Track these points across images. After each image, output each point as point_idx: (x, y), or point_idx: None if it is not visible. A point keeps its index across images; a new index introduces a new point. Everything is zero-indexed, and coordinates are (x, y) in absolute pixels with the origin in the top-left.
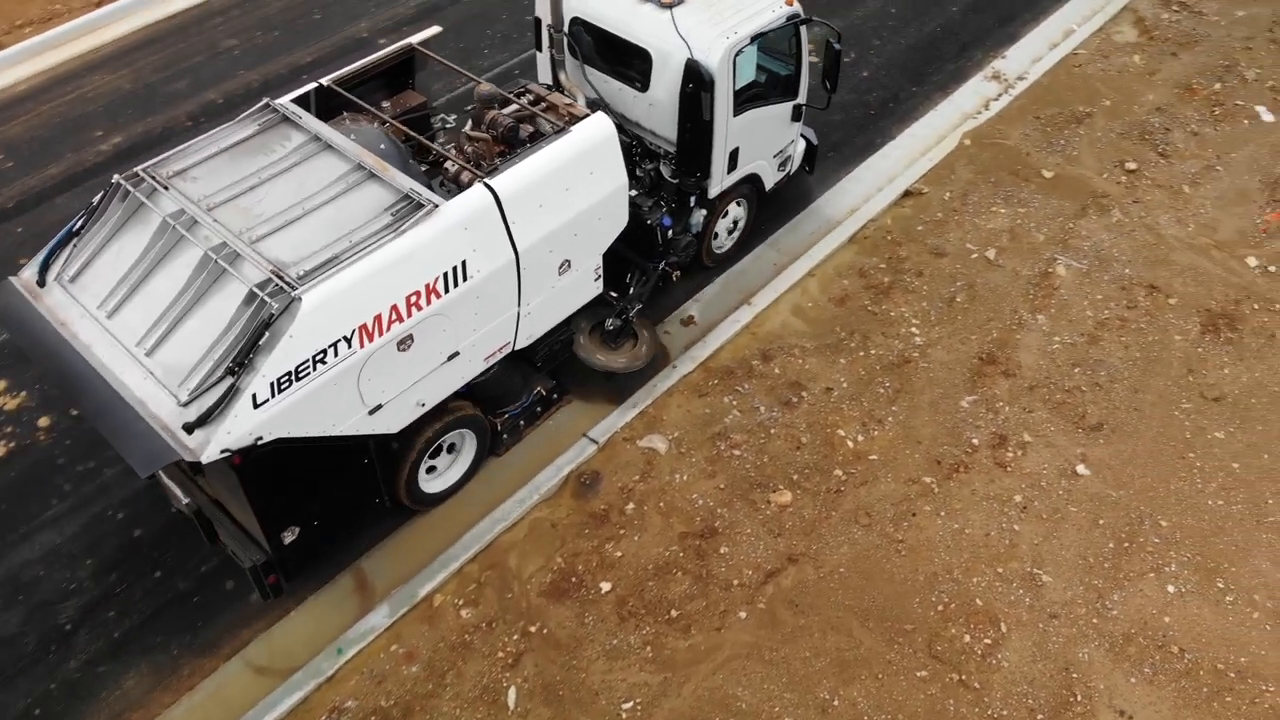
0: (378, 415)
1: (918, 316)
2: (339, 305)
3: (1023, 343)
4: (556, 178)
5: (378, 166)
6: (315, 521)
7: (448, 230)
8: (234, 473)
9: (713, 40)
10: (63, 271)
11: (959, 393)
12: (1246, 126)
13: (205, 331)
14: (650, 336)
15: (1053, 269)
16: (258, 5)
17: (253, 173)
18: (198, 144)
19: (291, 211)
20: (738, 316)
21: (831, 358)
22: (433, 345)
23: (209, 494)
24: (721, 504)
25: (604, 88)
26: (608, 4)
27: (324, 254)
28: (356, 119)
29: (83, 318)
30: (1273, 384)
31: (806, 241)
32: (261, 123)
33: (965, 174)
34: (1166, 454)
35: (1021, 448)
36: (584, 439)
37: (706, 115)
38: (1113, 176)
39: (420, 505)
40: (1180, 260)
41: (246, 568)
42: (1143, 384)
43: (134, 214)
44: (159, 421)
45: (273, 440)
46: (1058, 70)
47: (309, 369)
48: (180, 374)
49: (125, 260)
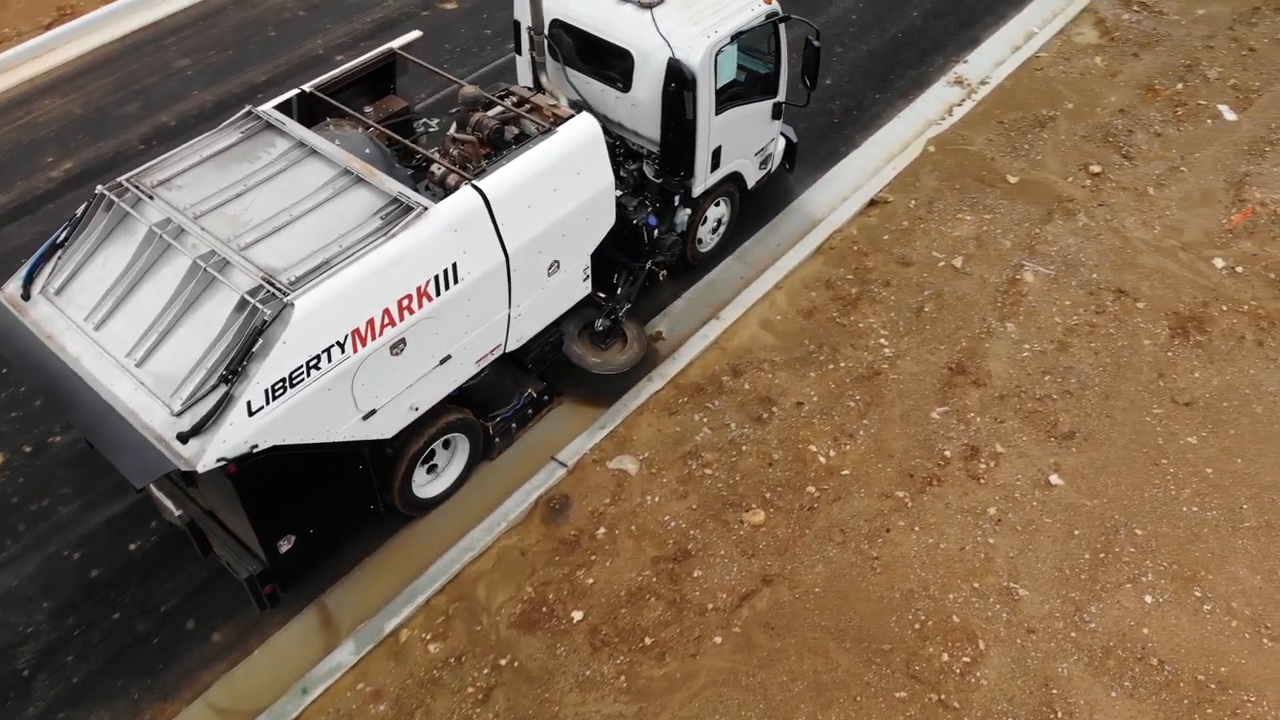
0: (371, 420)
1: (886, 327)
2: (332, 310)
3: (992, 351)
4: (544, 178)
5: (364, 171)
6: (311, 529)
7: (437, 233)
8: (229, 482)
9: (694, 39)
10: (48, 284)
11: (929, 404)
12: (1209, 126)
13: (196, 340)
14: (640, 336)
15: (1020, 276)
16: (211, 24)
17: (238, 180)
18: (181, 153)
19: (279, 218)
20: (706, 331)
21: (801, 371)
22: (425, 349)
23: (202, 505)
24: (694, 525)
25: (585, 89)
26: (588, 5)
27: (315, 259)
28: (340, 124)
29: (70, 330)
30: (1243, 387)
31: (773, 253)
32: (245, 130)
33: (930, 181)
34: (1139, 461)
35: (994, 459)
36: (553, 462)
37: (689, 114)
38: (1077, 180)
39: (414, 511)
40: (1147, 263)
41: (243, 578)
42: (1114, 390)
43: (119, 224)
44: (152, 432)
45: (268, 448)
46: (1020, 73)
47: (303, 375)
48: (172, 384)
49: (112, 271)
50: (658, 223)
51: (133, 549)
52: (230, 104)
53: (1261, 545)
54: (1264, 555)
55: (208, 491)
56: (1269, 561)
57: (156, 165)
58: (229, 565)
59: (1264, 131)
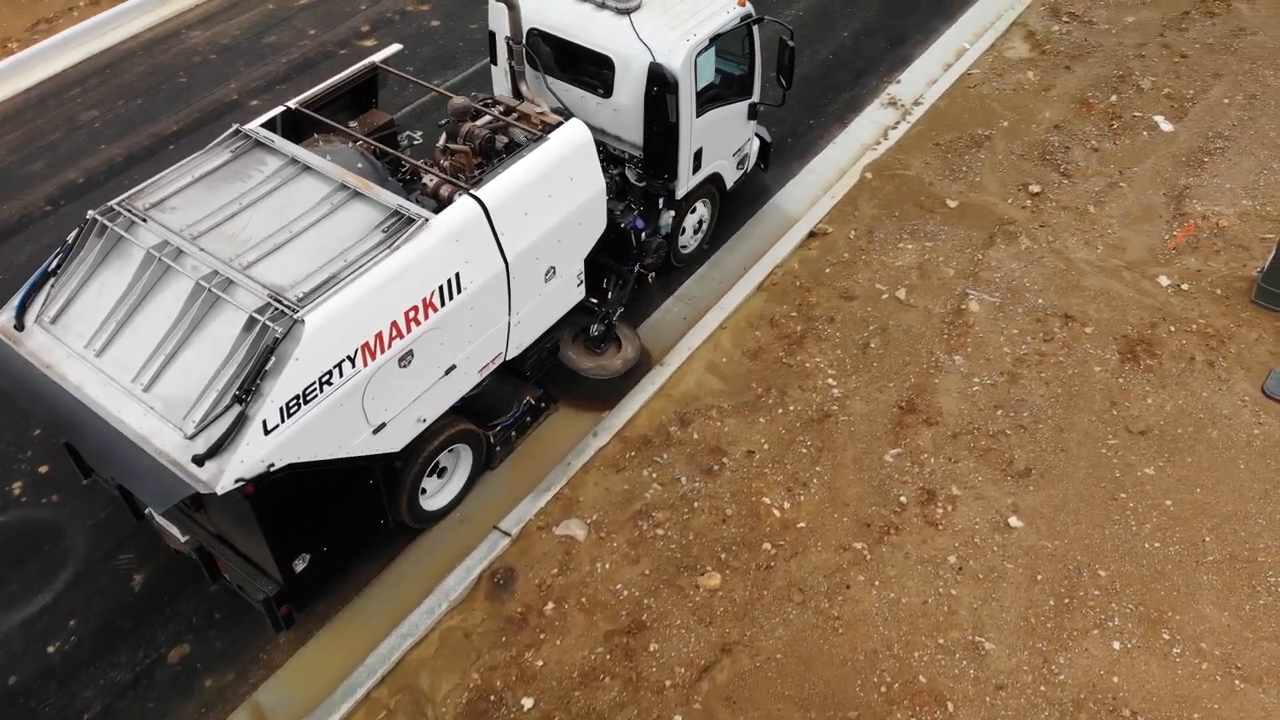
0: (381, 434)
1: (833, 366)
2: (341, 325)
3: (941, 387)
4: (539, 185)
5: (361, 185)
6: (325, 547)
7: (440, 243)
8: (247, 502)
9: (674, 43)
10: (42, 313)
11: (882, 446)
12: (1146, 138)
13: (204, 362)
14: (633, 339)
15: (965, 305)
16: (118, 72)
17: (233, 199)
18: (170, 175)
19: (279, 235)
20: (652, 378)
21: (750, 417)
22: (431, 360)
23: (210, 529)
24: (648, 593)
25: (565, 96)
26: (565, 14)
27: (320, 275)
28: (330, 140)
29: (69, 358)
30: (1197, 411)
31: (716, 291)
32: (234, 149)
33: (869, 210)
34: (1098, 496)
35: (951, 502)
36: (495, 532)
37: (672, 117)
38: (1017, 201)
39: (422, 524)
40: (1092, 285)
41: (259, 600)
42: (1067, 422)
43: (113, 249)
44: (166, 456)
45: (284, 466)
46: (953, 92)
47: (316, 391)
48: (183, 406)
49: (109, 296)
50: (644, 225)
51: (51, 651)
52: (141, 157)
53: (1226, 579)
54: (1229, 590)
55: (218, 514)
56: (1235, 596)
57: (147, 188)
58: (240, 589)
59: (1201, 141)
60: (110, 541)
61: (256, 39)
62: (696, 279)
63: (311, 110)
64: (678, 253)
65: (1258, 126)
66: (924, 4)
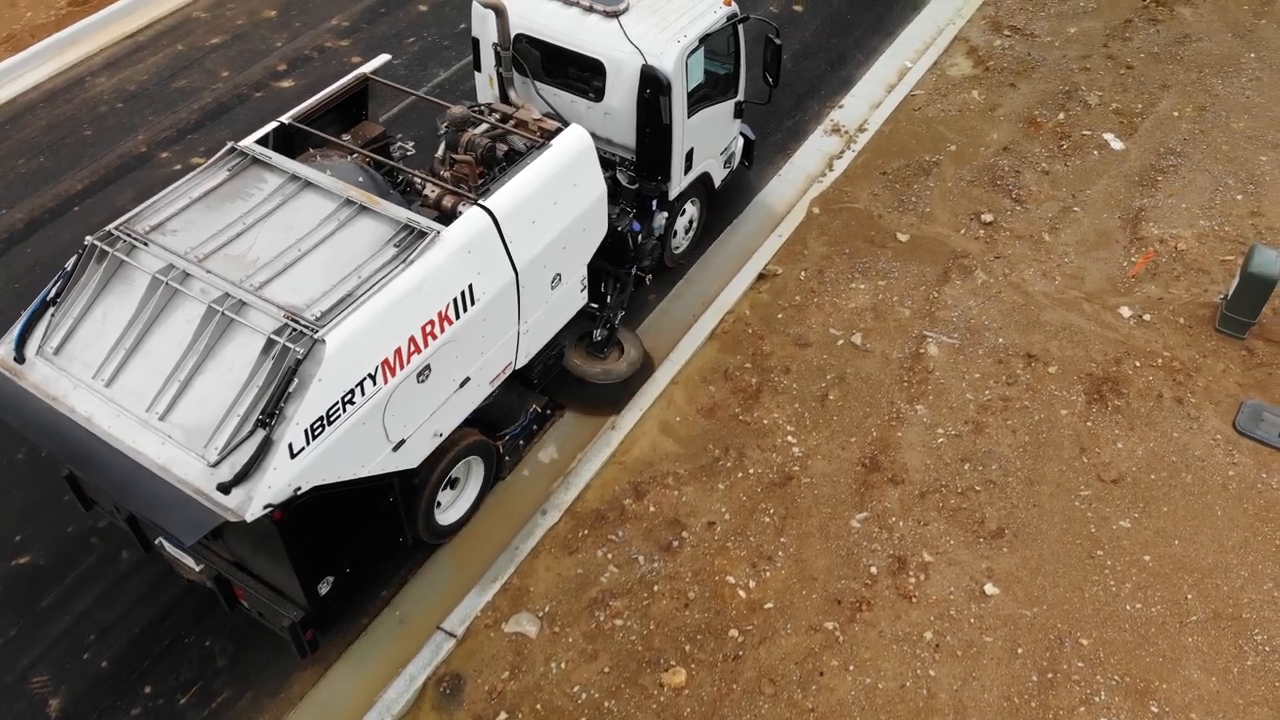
0: (401, 450)
1: (792, 422)
2: (361, 343)
3: (905, 440)
4: (545, 193)
5: (367, 200)
6: (348, 569)
7: (452, 255)
8: (274, 528)
9: (665, 45)
10: (44, 344)
11: (848, 510)
12: (1097, 158)
13: (222, 387)
14: (636, 343)
15: (924, 349)
16: (17, 127)
17: (236, 219)
18: (168, 196)
19: (288, 254)
20: (603, 443)
21: (709, 483)
22: (447, 373)
23: (226, 557)
24: (608, 694)
25: (554, 101)
26: (552, 18)
27: (336, 293)
28: (328, 154)
29: (77, 389)
30: (1169, 454)
31: (666, 342)
32: (231, 167)
33: (818, 248)
34: (1075, 555)
35: (923, 570)
36: (439, 633)
37: (666, 119)
38: (970, 231)
39: (437, 539)
40: (1052, 320)
41: (285, 626)
42: (1037, 473)
43: (115, 274)
44: (189, 486)
45: (310, 489)
46: (898, 115)
47: (339, 411)
48: (203, 434)
49: (115, 324)
50: (640, 228)
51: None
52: (44, 221)
53: (1211, 640)
54: (1215, 652)
55: (236, 541)
56: (1221, 659)
57: (144, 211)
58: (260, 616)
59: (1153, 159)
60: (23, 661)
61: (166, 84)
62: (646, 327)
63: (306, 125)
64: (670, 254)
65: (1209, 140)
66: (863, 21)
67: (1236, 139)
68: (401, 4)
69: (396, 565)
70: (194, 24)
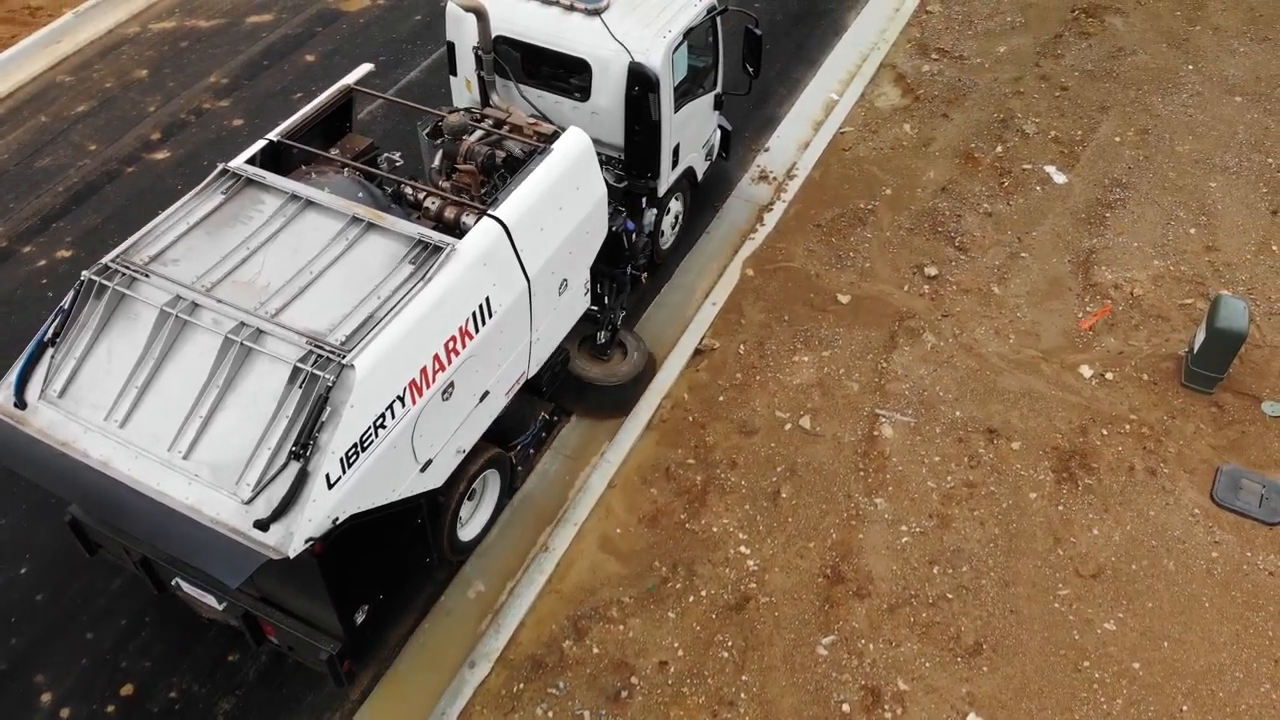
0: (428, 470)
1: (744, 527)
2: (390, 365)
3: (867, 543)
4: (550, 198)
5: (374, 216)
6: (381, 596)
7: (469, 268)
8: (315, 561)
9: (650, 41)
10: (46, 388)
11: (813, 633)
12: (1040, 194)
13: (247, 420)
14: (638, 344)
15: (878, 430)
16: None
17: (239, 244)
18: (162, 224)
19: (300, 278)
20: (536, 569)
21: (658, 612)
22: (468, 388)
23: (251, 593)
24: None
25: (539, 103)
26: (533, 19)
27: (357, 315)
28: (322, 170)
29: (87, 433)
30: (1147, 538)
31: (600, 436)
32: (226, 190)
33: (756, 315)
34: (1060, 669)
35: (899, 702)
36: None
37: (654, 115)
38: (914, 288)
39: (460, 556)
40: (1011, 386)
41: (323, 659)
42: (1011, 572)
43: (117, 309)
44: (224, 525)
45: (348, 518)
46: (828, 158)
47: (372, 437)
48: (233, 471)
49: (122, 361)
50: (634, 226)
51: None
52: None
53: None
54: None
55: (265, 576)
56: None
57: (141, 241)
58: (291, 650)
59: (1099, 192)
60: None
61: (27, 163)
62: (575, 424)
63: (295, 141)
64: (659, 250)
65: (1155, 167)
66: (783, 51)
67: (1183, 164)
68: (285, 55)
69: None
70: (57, 90)
